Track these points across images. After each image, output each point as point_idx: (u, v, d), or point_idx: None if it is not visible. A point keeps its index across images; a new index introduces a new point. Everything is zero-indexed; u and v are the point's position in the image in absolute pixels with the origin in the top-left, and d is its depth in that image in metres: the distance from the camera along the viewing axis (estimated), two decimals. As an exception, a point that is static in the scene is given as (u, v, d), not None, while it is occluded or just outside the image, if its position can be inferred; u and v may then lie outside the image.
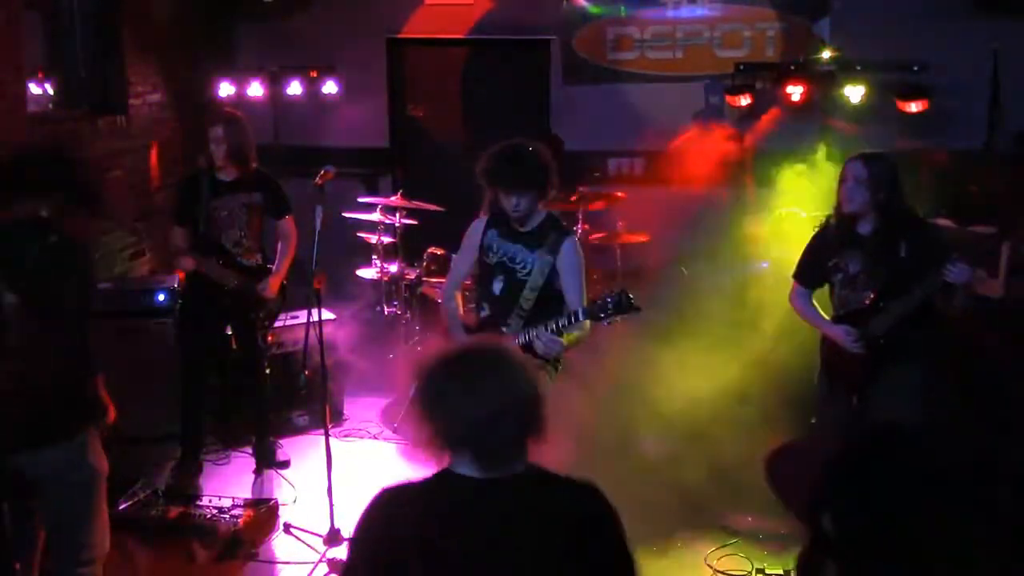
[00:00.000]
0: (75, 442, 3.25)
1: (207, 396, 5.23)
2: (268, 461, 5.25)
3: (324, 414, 4.44)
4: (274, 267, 5.10)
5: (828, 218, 4.09)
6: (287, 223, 5.15)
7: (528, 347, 3.84)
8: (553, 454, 3.60)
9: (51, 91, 6.15)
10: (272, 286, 5.04)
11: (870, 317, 3.91)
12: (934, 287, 3.73)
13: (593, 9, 7.33)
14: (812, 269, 4.14)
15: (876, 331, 3.89)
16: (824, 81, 6.19)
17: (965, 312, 3.80)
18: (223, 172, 4.91)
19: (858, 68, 6.13)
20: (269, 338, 5.74)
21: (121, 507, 4.45)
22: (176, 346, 5.33)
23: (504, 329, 3.94)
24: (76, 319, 3.25)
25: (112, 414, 3.43)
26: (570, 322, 3.72)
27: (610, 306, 3.58)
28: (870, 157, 3.96)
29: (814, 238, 4.17)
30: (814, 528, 1.52)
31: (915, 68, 6.05)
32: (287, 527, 4.54)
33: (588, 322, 3.76)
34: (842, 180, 3.92)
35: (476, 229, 4.11)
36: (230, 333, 5.23)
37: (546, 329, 3.76)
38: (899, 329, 3.85)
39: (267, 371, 5.35)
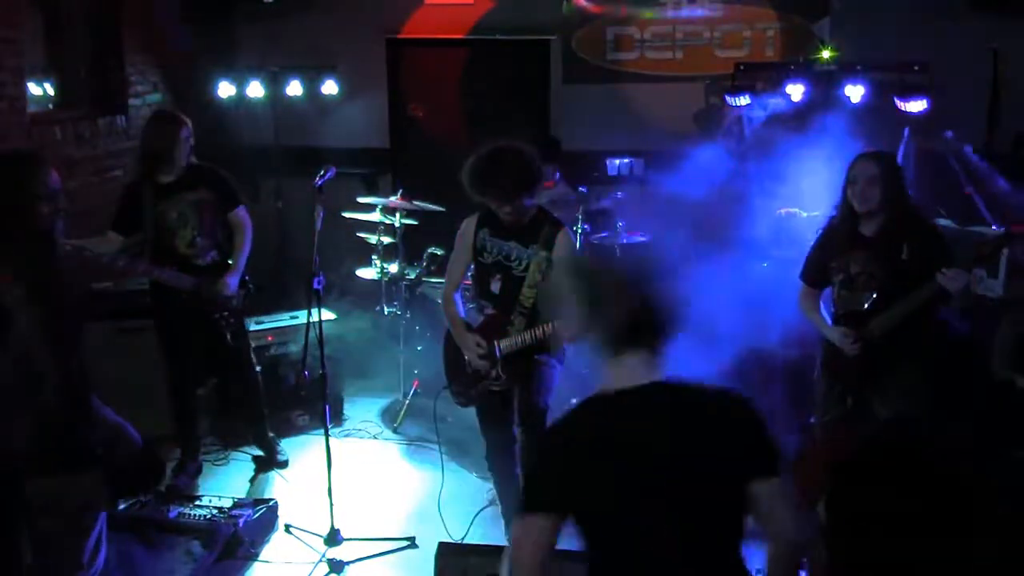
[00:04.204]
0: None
1: (206, 397, 5.21)
2: (268, 461, 5.25)
3: (324, 414, 4.44)
4: (232, 262, 4.91)
5: (832, 219, 4.08)
6: (239, 214, 4.95)
7: (541, 343, 3.85)
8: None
9: (51, 91, 6.15)
10: (230, 283, 4.86)
11: (869, 319, 3.91)
12: (930, 293, 3.72)
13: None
14: (816, 269, 4.13)
15: (875, 333, 3.89)
16: (824, 81, 6.19)
17: (964, 313, 3.80)
18: (165, 175, 4.73)
19: (858, 68, 6.12)
20: (269, 338, 5.75)
21: (121, 507, 4.45)
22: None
23: (508, 328, 3.95)
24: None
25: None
26: None
27: None
28: (878, 155, 3.95)
29: (818, 238, 4.16)
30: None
31: (915, 68, 6.05)
32: (287, 527, 4.54)
33: None
34: (851, 180, 3.90)
35: (467, 229, 4.11)
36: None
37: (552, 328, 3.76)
38: (897, 331, 3.85)
39: (256, 368, 5.30)
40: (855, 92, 5.99)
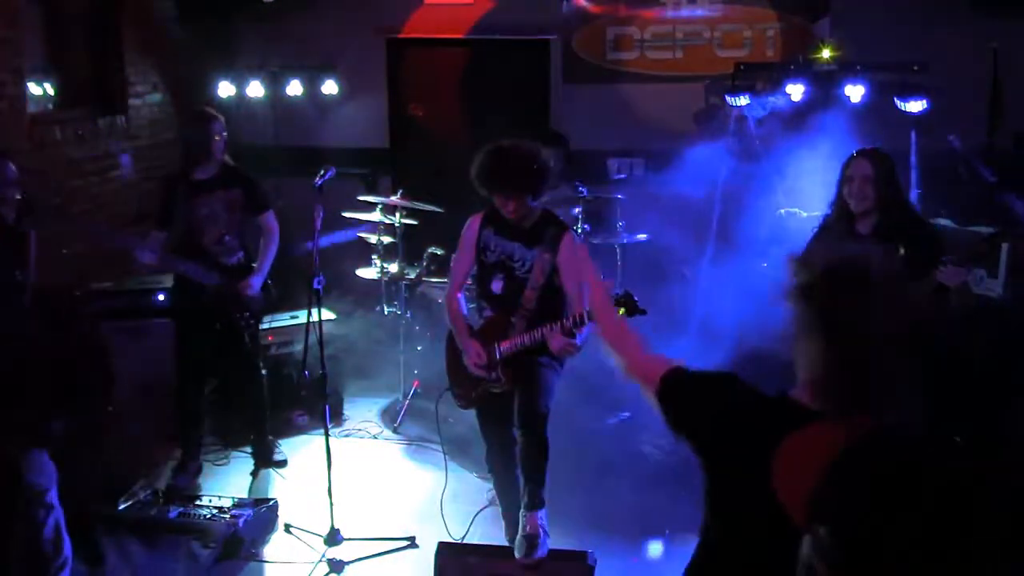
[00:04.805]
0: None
1: (206, 396, 5.21)
2: (266, 461, 5.26)
3: (324, 414, 4.44)
4: (257, 265, 5.01)
5: (827, 217, 4.07)
6: (268, 218, 5.05)
7: (541, 345, 3.85)
8: (557, 460, 3.58)
9: (51, 91, 6.15)
10: (253, 284, 4.93)
11: None
12: (929, 289, 3.71)
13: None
14: None
15: None
16: (824, 81, 6.19)
17: (964, 311, 3.79)
18: (200, 171, 4.84)
19: (858, 68, 6.12)
20: (269, 338, 5.74)
21: (121, 507, 4.45)
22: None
23: (509, 330, 3.94)
24: None
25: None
26: (575, 323, 3.72)
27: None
28: (872, 153, 3.93)
29: (815, 235, 4.15)
30: (813, 533, 1.50)
31: (915, 68, 6.05)
32: (287, 527, 4.54)
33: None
34: (847, 179, 3.89)
35: (471, 228, 4.11)
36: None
37: (561, 331, 3.75)
38: None
39: (263, 371, 5.33)
40: (855, 92, 5.99)
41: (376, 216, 6.01)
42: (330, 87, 7.34)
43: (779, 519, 1.67)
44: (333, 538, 4.31)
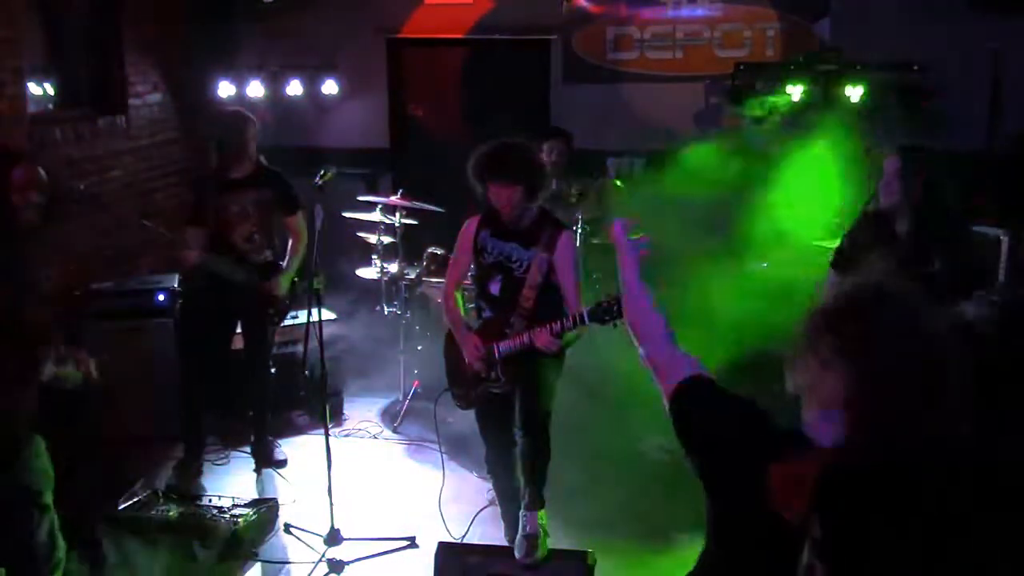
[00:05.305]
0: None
1: (208, 395, 5.22)
2: (266, 460, 5.26)
3: (324, 414, 4.44)
4: (284, 264, 5.11)
5: (864, 212, 4.04)
6: (297, 220, 5.15)
7: (531, 347, 3.85)
8: (557, 460, 3.57)
9: (51, 91, 6.15)
10: (281, 283, 5.05)
11: None
12: (949, 320, 3.65)
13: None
14: (847, 259, 4.05)
15: None
16: (824, 81, 6.19)
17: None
18: (233, 170, 4.92)
19: (858, 68, 6.12)
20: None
21: (121, 507, 4.45)
22: (177, 346, 5.33)
23: (507, 330, 3.94)
24: None
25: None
26: (574, 324, 3.72)
27: (615, 310, 3.57)
28: (904, 149, 3.88)
29: (853, 227, 4.10)
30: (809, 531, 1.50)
31: (915, 68, 6.05)
32: (287, 527, 4.54)
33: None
34: (880, 175, 3.86)
35: (468, 229, 4.11)
36: (238, 331, 5.22)
37: (550, 332, 3.76)
38: None
39: (272, 370, 5.35)
40: (855, 92, 5.99)
41: (376, 216, 6.01)
42: (330, 87, 7.34)
43: (781, 546, 1.59)
44: (333, 538, 4.31)
